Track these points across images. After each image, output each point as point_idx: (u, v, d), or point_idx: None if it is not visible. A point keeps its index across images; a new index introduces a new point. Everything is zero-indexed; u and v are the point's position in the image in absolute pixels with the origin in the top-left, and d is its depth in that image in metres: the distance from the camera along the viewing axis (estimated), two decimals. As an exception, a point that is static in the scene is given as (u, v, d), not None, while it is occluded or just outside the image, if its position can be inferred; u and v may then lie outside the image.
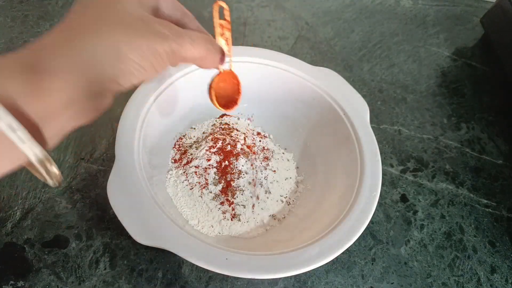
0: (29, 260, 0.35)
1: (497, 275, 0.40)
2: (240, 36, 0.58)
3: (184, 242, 0.29)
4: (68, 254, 0.36)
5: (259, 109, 0.45)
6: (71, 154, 0.43)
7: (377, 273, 0.38)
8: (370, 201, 0.33)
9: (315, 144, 0.43)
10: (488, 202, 0.45)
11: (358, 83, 0.55)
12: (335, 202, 0.35)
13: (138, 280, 0.35)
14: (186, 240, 0.29)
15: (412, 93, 0.55)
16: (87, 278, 0.35)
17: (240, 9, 0.62)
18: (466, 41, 0.64)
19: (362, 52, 0.60)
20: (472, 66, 0.61)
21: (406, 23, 0.65)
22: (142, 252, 0.36)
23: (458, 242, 0.42)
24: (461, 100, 0.56)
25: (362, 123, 0.38)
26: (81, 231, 0.37)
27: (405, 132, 0.51)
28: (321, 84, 0.41)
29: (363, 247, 0.40)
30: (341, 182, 0.37)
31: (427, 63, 0.60)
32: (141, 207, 0.30)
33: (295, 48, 0.58)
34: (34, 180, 0.40)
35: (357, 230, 0.31)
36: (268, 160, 0.41)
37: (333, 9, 0.66)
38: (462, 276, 0.39)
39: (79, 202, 0.39)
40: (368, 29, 0.63)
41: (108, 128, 0.45)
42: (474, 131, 0.52)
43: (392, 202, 0.44)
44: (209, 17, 0.61)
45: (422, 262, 0.40)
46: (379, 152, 0.36)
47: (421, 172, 0.47)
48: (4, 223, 0.37)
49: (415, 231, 0.42)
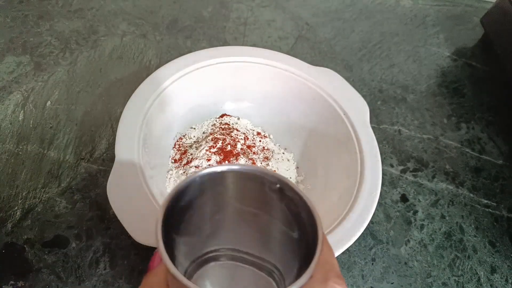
0: (29, 260, 0.35)
1: (497, 275, 0.40)
2: (240, 36, 0.58)
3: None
4: (68, 254, 0.36)
5: (259, 109, 0.45)
6: (71, 154, 0.43)
7: (377, 273, 0.38)
8: (370, 201, 0.33)
9: (315, 144, 0.43)
10: (488, 202, 0.45)
11: (358, 83, 0.55)
12: (335, 202, 0.35)
13: (138, 280, 0.35)
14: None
15: (412, 93, 0.55)
16: (87, 278, 0.35)
17: (240, 9, 0.62)
18: (466, 41, 0.64)
19: (362, 52, 0.60)
20: (472, 66, 0.61)
21: (406, 23, 0.65)
22: (142, 252, 0.36)
23: (458, 242, 0.42)
24: (461, 100, 0.56)
25: (362, 123, 0.38)
26: (81, 231, 0.37)
27: (405, 132, 0.51)
28: (321, 84, 0.41)
29: (363, 247, 0.40)
30: (341, 182, 0.37)
31: (427, 63, 0.60)
32: (141, 207, 0.30)
33: (295, 48, 0.58)
34: (34, 180, 0.40)
35: (357, 230, 0.31)
36: (268, 160, 0.41)
37: (333, 9, 0.66)
38: (462, 276, 0.39)
39: (79, 202, 0.39)
40: (368, 29, 0.63)
41: (108, 128, 0.45)
42: (474, 131, 0.52)
43: (392, 202, 0.44)
44: (209, 17, 0.61)
45: (422, 262, 0.40)
46: (379, 152, 0.36)
47: (421, 172, 0.47)
48: (4, 223, 0.37)
49: (415, 231, 0.42)
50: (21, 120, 0.44)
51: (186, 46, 0.56)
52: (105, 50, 0.53)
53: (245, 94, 0.45)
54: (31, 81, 0.48)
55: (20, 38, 0.53)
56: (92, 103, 0.47)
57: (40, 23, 0.56)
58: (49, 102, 0.46)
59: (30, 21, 0.56)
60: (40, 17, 0.56)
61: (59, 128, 0.44)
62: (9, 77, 0.48)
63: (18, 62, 0.50)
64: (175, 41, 0.56)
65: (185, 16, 0.60)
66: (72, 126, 0.45)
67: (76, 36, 0.55)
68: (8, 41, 0.53)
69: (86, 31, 0.55)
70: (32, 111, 0.45)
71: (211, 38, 0.58)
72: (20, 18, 0.56)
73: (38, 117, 0.45)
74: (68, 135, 0.44)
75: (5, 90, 0.47)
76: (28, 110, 0.45)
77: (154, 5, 0.61)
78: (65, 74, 0.50)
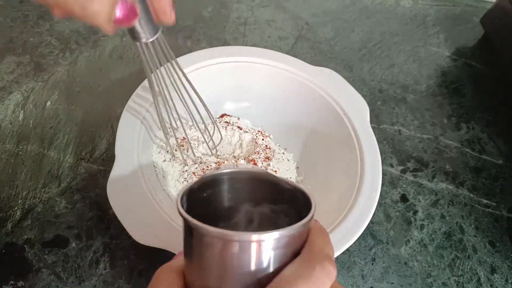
0: (29, 260, 0.35)
1: (497, 275, 0.40)
2: (240, 36, 0.58)
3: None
4: (68, 254, 0.36)
5: (259, 109, 0.45)
6: (71, 154, 0.43)
7: (377, 273, 0.38)
8: (370, 201, 0.33)
9: (315, 144, 0.43)
10: (488, 202, 0.45)
11: (358, 83, 0.55)
12: (335, 202, 0.35)
13: (138, 280, 0.35)
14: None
15: (412, 93, 0.55)
16: (87, 278, 0.35)
17: (240, 9, 0.62)
18: (466, 41, 0.64)
19: (362, 52, 0.60)
20: (472, 66, 0.61)
21: (406, 23, 0.65)
22: (142, 252, 0.36)
23: (458, 242, 0.42)
24: (461, 100, 0.56)
25: (362, 123, 0.38)
26: (81, 231, 0.37)
27: (405, 132, 0.51)
28: (321, 84, 0.41)
29: (363, 247, 0.40)
30: (341, 182, 0.37)
31: (427, 63, 0.60)
32: (141, 207, 0.30)
33: (295, 48, 0.58)
34: (34, 180, 0.40)
35: (357, 230, 0.31)
36: (269, 160, 0.41)
37: (333, 9, 0.65)
38: (462, 276, 0.39)
39: (79, 202, 0.39)
40: (368, 29, 0.63)
41: (108, 128, 0.45)
42: (474, 131, 0.52)
43: (392, 202, 0.44)
44: (209, 17, 0.61)
45: (422, 262, 0.40)
46: (379, 152, 0.36)
47: (421, 172, 0.47)
48: (4, 223, 0.37)
49: (415, 231, 0.42)
50: (21, 120, 0.44)
51: (186, 46, 0.56)
52: (105, 50, 0.53)
53: (245, 94, 0.45)
54: (31, 81, 0.48)
55: (20, 38, 0.53)
56: (92, 103, 0.47)
57: (40, 23, 0.56)
58: (49, 102, 0.46)
59: (30, 21, 0.56)
60: (40, 17, 0.56)
61: (59, 128, 0.44)
62: (9, 77, 0.48)
63: (18, 62, 0.50)
64: (175, 41, 0.56)
65: (185, 16, 0.60)
66: (72, 126, 0.45)
67: (76, 36, 0.55)
68: (8, 41, 0.53)
69: (86, 31, 0.55)
70: (32, 111, 0.45)
71: (211, 38, 0.58)
72: (20, 18, 0.56)
73: (38, 117, 0.45)
74: (68, 135, 0.44)
75: (5, 90, 0.47)
76: (28, 110, 0.45)
77: (154, 5, 0.61)
78: (65, 74, 0.50)
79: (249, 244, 0.16)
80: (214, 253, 0.16)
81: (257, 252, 0.16)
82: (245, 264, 0.16)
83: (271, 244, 0.16)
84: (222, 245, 0.16)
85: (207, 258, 0.17)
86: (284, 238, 0.17)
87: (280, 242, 0.17)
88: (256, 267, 0.16)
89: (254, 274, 0.17)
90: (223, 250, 0.16)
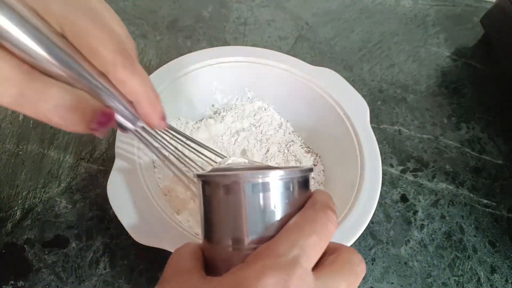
0: (29, 260, 0.35)
1: (497, 275, 0.40)
2: (240, 36, 0.58)
3: (184, 242, 0.29)
4: (68, 254, 0.36)
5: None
6: (71, 154, 0.43)
7: (377, 273, 0.38)
8: (370, 201, 0.33)
9: (315, 144, 0.43)
10: (488, 202, 0.45)
11: (358, 83, 0.55)
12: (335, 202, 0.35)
13: (138, 280, 0.35)
14: (186, 241, 0.29)
15: (412, 93, 0.55)
16: (87, 278, 0.35)
17: (240, 9, 0.62)
18: (466, 41, 0.64)
19: (362, 52, 0.60)
20: (472, 66, 0.61)
21: (406, 23, 0.65)
22: (142, 252, 0.36)
23: (458, 242, 0.42)
24: (461, 100, 0.56)
25: (362, 123, 0.38)
26: (81, 231, 0.37)
27: (405, 132, 0.51)
28: (321, 84, 0.41)
29: (363, 247, 0.40)
30: (341, 182, 0.37)
31: (427, 63, 0.60)
32: (141, 207, 0.30)
33: (295, 48, 0.58)
34: (34, 180, 0.40)
35: (357, 230, 0.31)
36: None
37: (333, 9, 0.65)
38: (462, 276, 0.39)
39: (79, 202, 0.39)
40: (368, 29, 0.63)
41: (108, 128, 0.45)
42: (474, 131, 0.52)
43: (392, 202, 0.44)
44: (209, 17, 0.61)
45: (422, 262, 0.40)
46: (379, 152, 0.36)
47: (421, 172, 0.47)
48: (4, 223, 0.37)
49: (415, 231, 0.42)
50: (21, 120, 0.44)
51: (186, 46, 0.56)
52: (105, 50, 0.53)
53: (245, 94, 0.45)
54: (31, 81, 0.48)
55: (20, 38, 0.53)
56: (92, 103, 0.47)
57: (40, 23, 0.56)
58: (49, 102, 0.46)
59: (30, 21, 0.56)
60: (40, 17, 0.56)
61: (59, 128, 0.44)
62: (9, 77, 0.48)
63: (18, 62, 0.50)
64: (175, 41, 0.56)
65: (185, 16, 0.60)
66: (72, 126, 0.45)
67: (76, 36, 0.55)
68: (8, 41, 0.53)
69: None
70: (32, 111, 0.45)
71: (211, 38, 0.58)
72: (20, 18, 0.56)
73: (38, 117, 0.45)
74: (68, 135, 0.44)
75: (5, 90, 0.47)
76: (28, 110, 0.45)
77: (154, 5, 0.61)
78: (65, 74, 0.50)
79: (259, 184, 0.19)
80: (230, 199, 0.19)
81: (267, 193, 0.19)
82: (257, 210, 0.19)
83: (279, 185, 0.19)
84: (240, 185, 0.19)
85: (223, 208, 0.20)
86: (291, 179, 0.20)
87: (287, 185, 0.20)
88: (266, 214, 0.19)
89: (265, 222, 0.19)
90: (239, 192, 0.19)
